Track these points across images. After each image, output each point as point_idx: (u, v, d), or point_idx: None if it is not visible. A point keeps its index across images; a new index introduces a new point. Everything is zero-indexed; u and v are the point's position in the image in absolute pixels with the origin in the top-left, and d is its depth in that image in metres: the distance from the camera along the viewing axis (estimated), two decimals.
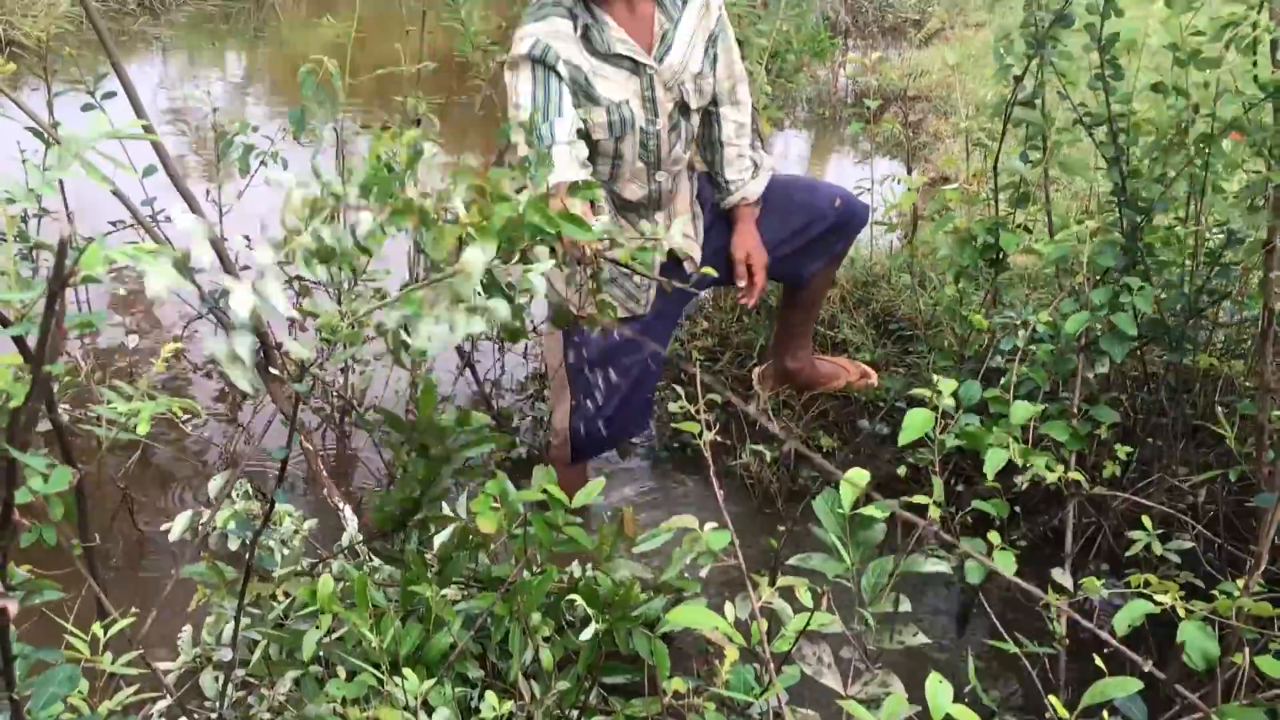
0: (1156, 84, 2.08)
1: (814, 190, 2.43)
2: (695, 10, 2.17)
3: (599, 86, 2.08)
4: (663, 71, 2.12)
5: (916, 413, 1.53)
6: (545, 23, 2.05)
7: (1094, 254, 1.84)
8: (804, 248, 2.39)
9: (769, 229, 2.36)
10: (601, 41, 2.06)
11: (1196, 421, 2.16)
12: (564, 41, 2.04)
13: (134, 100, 1.90)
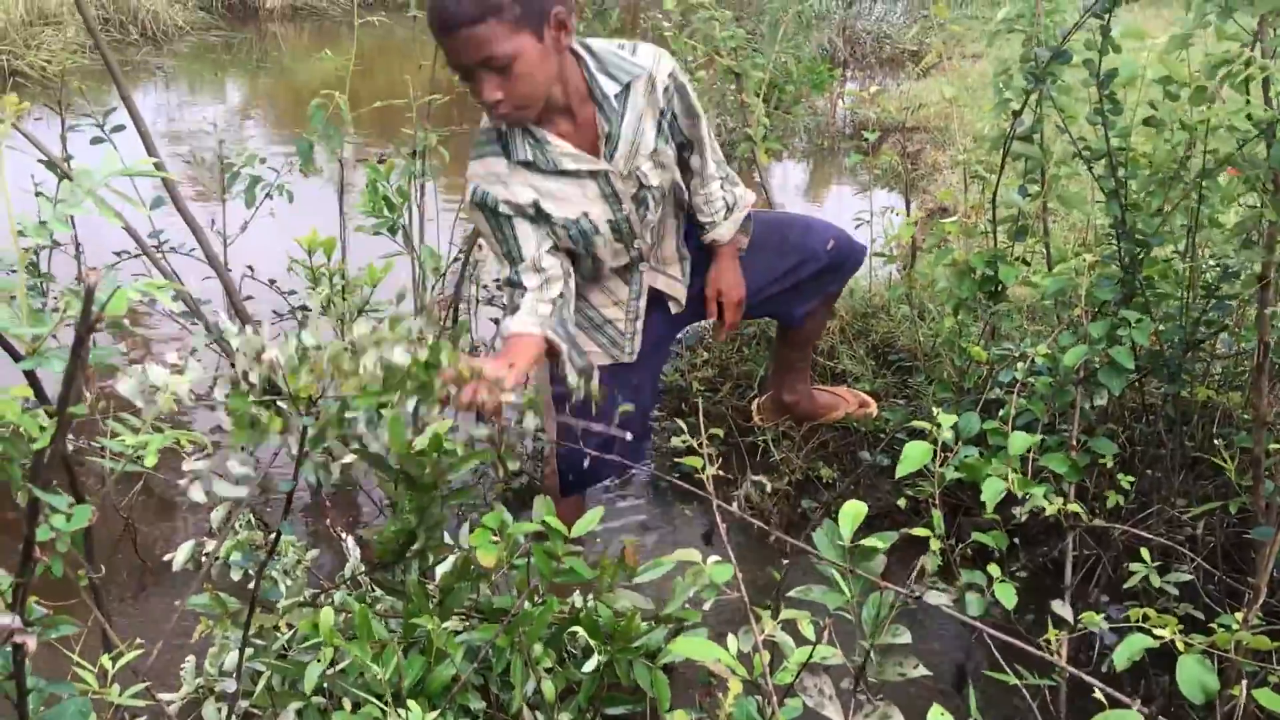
0: (1149, 118, 2.11)
1: (809, 230, 2.40)
2: (640, 95, 2.06)
3: (551, 209, 2.04)
4: (616, 164, 2.06)
5: (915, 445, 1.54)
6: (482, 163, 2.03)
7: (1092, 287, 1.86)
8: (795, 287, 2.37)
9: (761, 267, 2.34)
10: (546, 162, 2.02)
11: (1195, 453, 2.17)
12: (500, 184, 2.02)
13: (144, 134, 1.92)
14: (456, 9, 1.82)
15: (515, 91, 1.89)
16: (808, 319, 2.48)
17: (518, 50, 1.85)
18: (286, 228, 3.14)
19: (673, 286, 2.31)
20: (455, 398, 1.93)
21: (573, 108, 2.02)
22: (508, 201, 2.01)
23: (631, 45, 2.08)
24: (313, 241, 2.54)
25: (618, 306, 2.25)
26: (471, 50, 1.85)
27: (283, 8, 9.09)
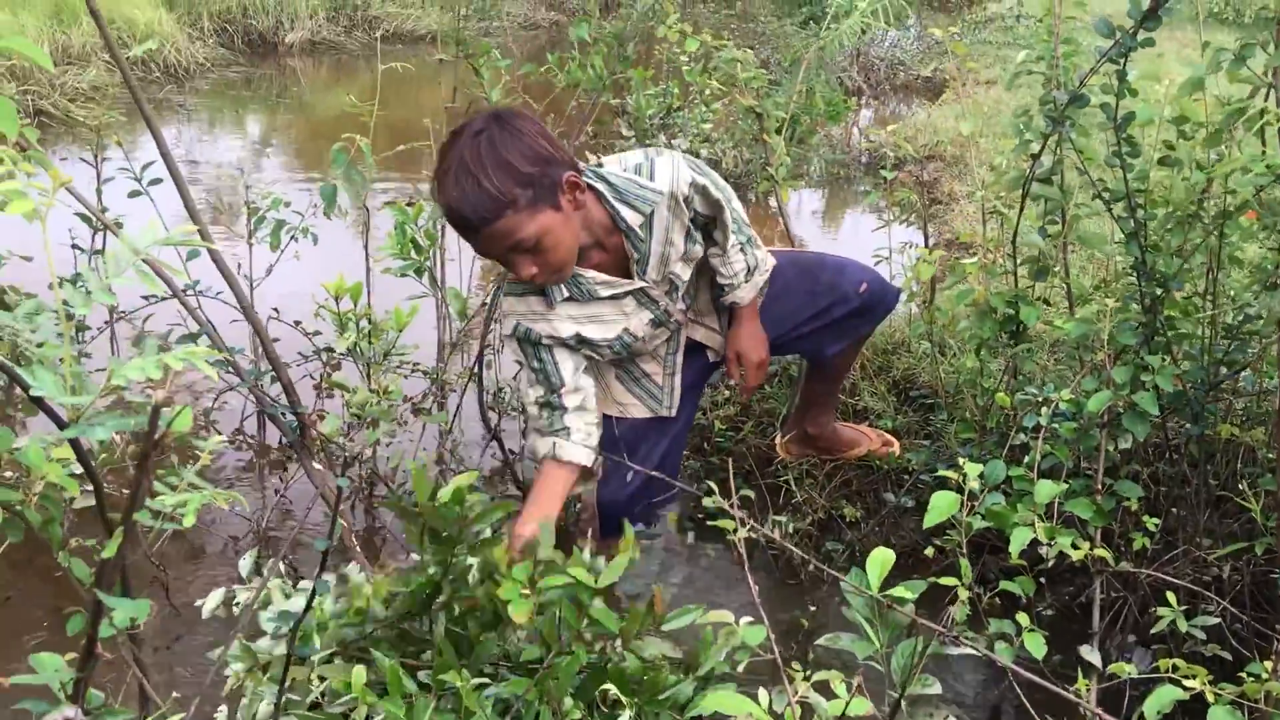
0: (1164, 157, 2.13)
1: (841, 272, 2.40)
2: (664, 214, 2.09)
3: (592, 334, 2.12)
4: (649, 279, 2.14)
5: (942, 495, 1.55)
6: (522, 301, 2.12)
7: (1114, 331, 1.87)
8: (826, 327, 2.39)
9: (792, 308, 2.37)
10: (583, 294, 2.10)
11: (1220, 492, 2.17)
12: (542, 320, 2.11)
13: (178, 180, 1.95)
14: (473, 214, 1.88)
15: (549, 262, 1.97)
16: (837, 358, 2.49)
17: (542, 229, 1.91)
18: (310, 266, 3.18)
19: (711, 337, 2.34)
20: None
21: (601, 240, 2.09)
22: (551, 336, 2.11)
23: (647, 165, 2.10)
24: (340, 287, 2.58)
25: (656, 361, 2.29)
26: (498, 242, 1.92)
27: (301, 43, 9.18)
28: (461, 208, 1.88)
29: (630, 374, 2.28)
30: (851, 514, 2.59)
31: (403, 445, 2.88)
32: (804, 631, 2.28)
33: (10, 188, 1.25)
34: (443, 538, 1.64)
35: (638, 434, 2.32)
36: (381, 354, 2.66)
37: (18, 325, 1.28)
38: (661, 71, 5.99)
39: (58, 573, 2.35)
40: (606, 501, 2.31)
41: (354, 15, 9.76)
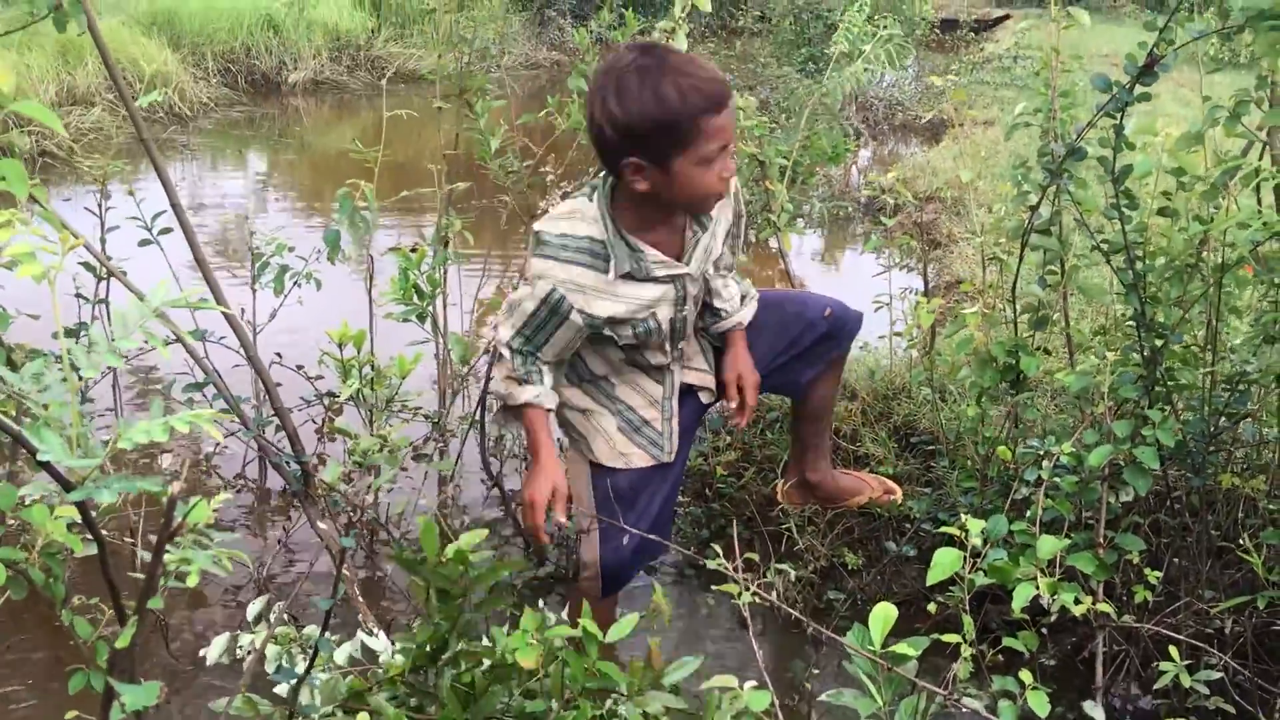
0: (1164, 208, 2.15)
1: (805, 304, 2.43)
2: (727, 209, 2.17)
3: (626, 313, 2.09)
4: (692, 268, 2.12)
5: (945, 553, 1.56)
6: (565, 269, 2.01)
7: (1115, 384, 1.88)
8: (798, 357, 2.41)
9: (764, 345, 2.38)
10: (641, 271, 2.05)
11: (1221, 542, 2.17)
12: (580, 294, 2.03)
13: (191, 240, 1.96)
14: (723, 84, 1.90)
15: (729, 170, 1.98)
16: (813, 387, 2.49)
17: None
18: (313, 309, 3.19)
19: (703, 378, 2.35)
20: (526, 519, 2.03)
21: (669, 216, 2.07)
22: (581, 311, 2.04)
23: None
24: (344, 334, 2.59)
25: (654, 407, 2.28)
26: (731, 123, 1.93)
27: (304, 83, 9.27)
28: (715, 80, 1.89)
29: (631, 424, 2.28)
30: (853, 561, 2.59)
31: (403, 491, 2.88)
32: (806, 680, 2.27)
33: (21, 250, 1.27)
34: (449, 594, 1.64)
35: (639, 485, 2.32)
36: (384, 401, 2.67)
37: (24, 387, 1.29)
38: None
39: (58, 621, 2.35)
40: (611, 563, 2.28)
41: (357, 55, 9.87)
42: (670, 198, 1.99)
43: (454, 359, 3.07)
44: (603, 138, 1.93)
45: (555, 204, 3.79)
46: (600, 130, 1.93)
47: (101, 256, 2.06)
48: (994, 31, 14.06)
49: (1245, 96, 1.76)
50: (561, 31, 12.05)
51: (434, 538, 1.59)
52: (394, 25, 10.30)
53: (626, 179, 1.96)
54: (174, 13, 8.92)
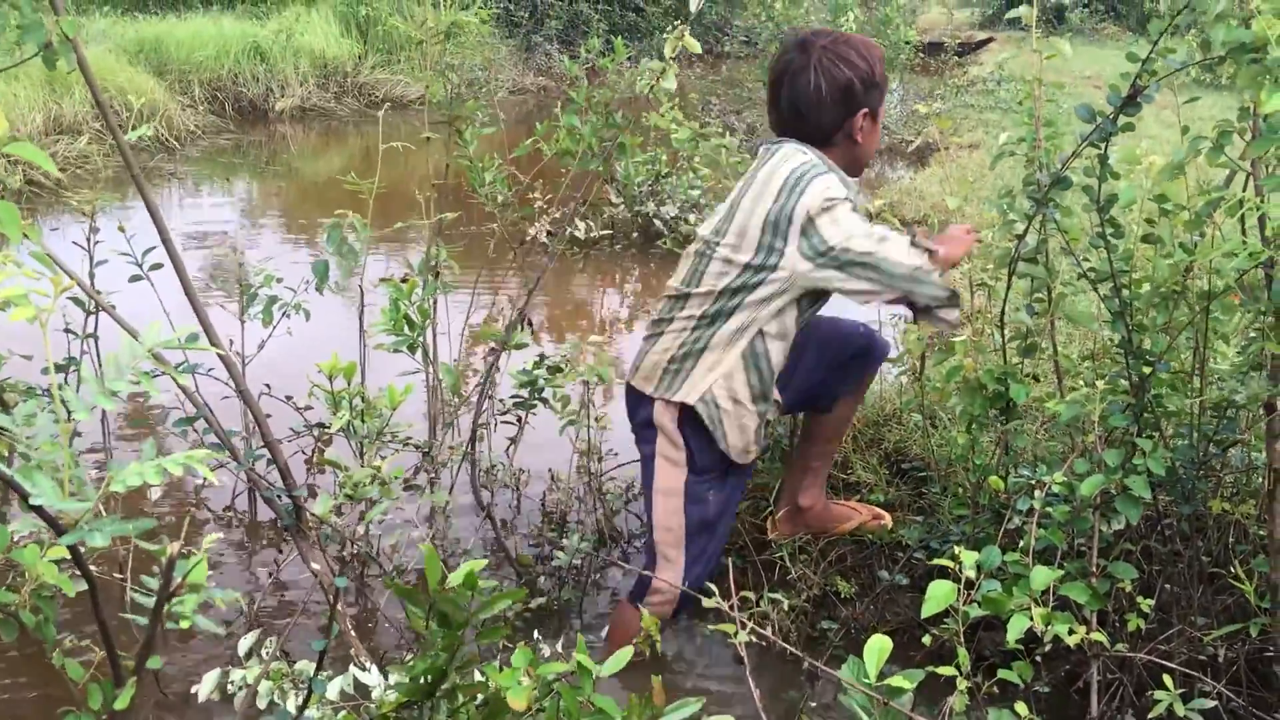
0: (1148, 235, 2.17)
1: (838, 321, 2.60)
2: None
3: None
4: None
5: (939, 585, 1.56)
6: (833, 178, 2.28)
7: (1104, 413, 1.89)
8: (837, 369, 2.53)
9: (809, 359, 2.49)
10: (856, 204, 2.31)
11: (1213, 569, 2.18)
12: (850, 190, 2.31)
13: (182, 276, 1.96)
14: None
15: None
16: (838, 405, 2.61)
17: None
18: (304, 337, 3.19)
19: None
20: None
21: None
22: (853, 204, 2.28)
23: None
24: (334, 367, 2.58)
25: (776, 408, 2.45)
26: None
27: (291, 109, 9.29)
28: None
29: (760, 418, 2.37)
30: (846, 590, 2.59)
31: (394, 522, 2.87)
32: (802, 712, 2.27)
33: (14, 293, 1.26)
34: (452, 623, 1.64)
35: (724, 508, 2.42)
36: (375, 432, 2.67)
37: (16, 430, 1.28)
38: (649, 138, 6.07)
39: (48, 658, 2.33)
40: (696, 589, 2.30)
41: (344, 82, 9.89)
42: (866, 154, 2.41)
43: (445, 389, 3.07)
44: (850, 92, 2.30)
45: (544, 231, 3.82)
46: (848, 86, 2.30)
47: (91, 291, 2.05)
48: (978, 54, 14.18)
49: (1228, 127, 1.78)
50: (549, 57, 12.11)
51: (437, 565, 1.59)
52: (381, 52, 10.34)
53: (855, 130, 2.34)
54: (160, 41, 8.94)
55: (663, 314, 2.40)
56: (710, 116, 8.70)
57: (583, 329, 4.90)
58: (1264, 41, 1.60)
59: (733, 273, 2.27)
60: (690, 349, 2.31)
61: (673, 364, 2.33)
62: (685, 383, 2.31)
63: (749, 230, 2.25)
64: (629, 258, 5.77)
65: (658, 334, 2.39)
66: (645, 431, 2.41)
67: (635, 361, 2.45)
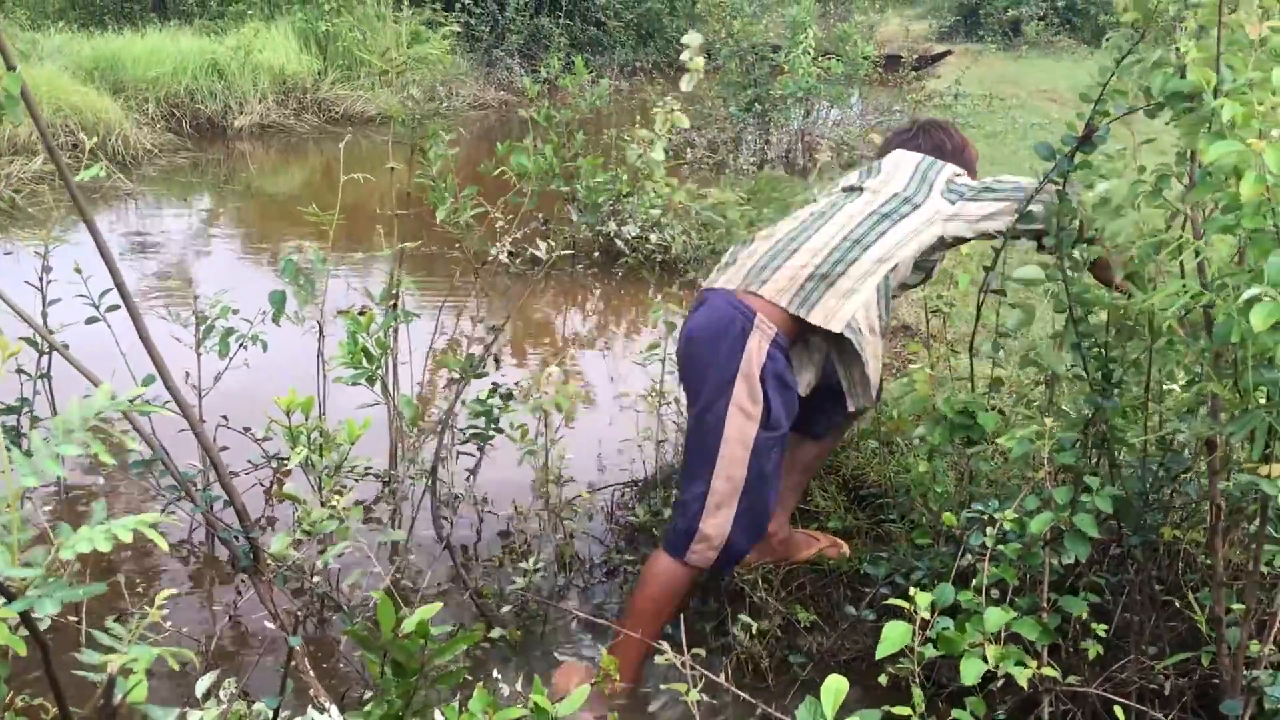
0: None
1: None
2: None
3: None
4: None
5: (894, 627, 1.58)
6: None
7: (1054, 450, 1.93)
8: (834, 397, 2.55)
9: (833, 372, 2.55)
10: None
11: (1165, 597, 2.21)
12: None
13: (137, 322, 1.94)
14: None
15: None
16: (829, 435, 2.74)
17: None
18: (262, 363, 3.16)
19: None
20: None
21: None
22: None
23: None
24: (291, 402, 2.57)
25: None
26: None
27: (251, 126, 9.23)
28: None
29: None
30: (805, 618, 2.60)
31: (353, 556, 2.85)
32: None
33: None
34: (406, 669, 1.64)
35: (778, 471, 2.48)
36: (334, 466, 2.66)
37: None
38: (610, 158, 6.08)
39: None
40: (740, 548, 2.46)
41: (303, 98, 9.83)
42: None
43: (404, 421, 3.07)
44: (943, 149, 2.67)
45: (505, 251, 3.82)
46: (942, 144, 2.69)
47: (44, 333, 2.03)
48: (935, 68, 14.32)
49: (1166, 171, 1.82)
50: (510, 72, 12.11)
51: (391, 612, 1.59)
52: (341, 68, 10.29)
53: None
54: (117, 57, 8.86)
55: (793, 233, 2.48)
56: (672, 134, 8.73)
57: (545, 350, 4.91)
58: (1199, 90, 1.64)
59: (881, 198, 2.49)
60: (832, 267, 2.39)
61: (811, 279, 2.38)
62: (820, 305, 2.37)
63: (898, 174, 2.54)
64: (591, 277, 5.78)
65: (792, 249, 2.44)
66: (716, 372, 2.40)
67: (742, 266, 2.47)
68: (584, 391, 4.16)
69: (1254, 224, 1.51)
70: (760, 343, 2.35)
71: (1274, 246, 1.50)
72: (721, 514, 2.39)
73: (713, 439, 2.39)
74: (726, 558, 2.46)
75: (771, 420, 2.38)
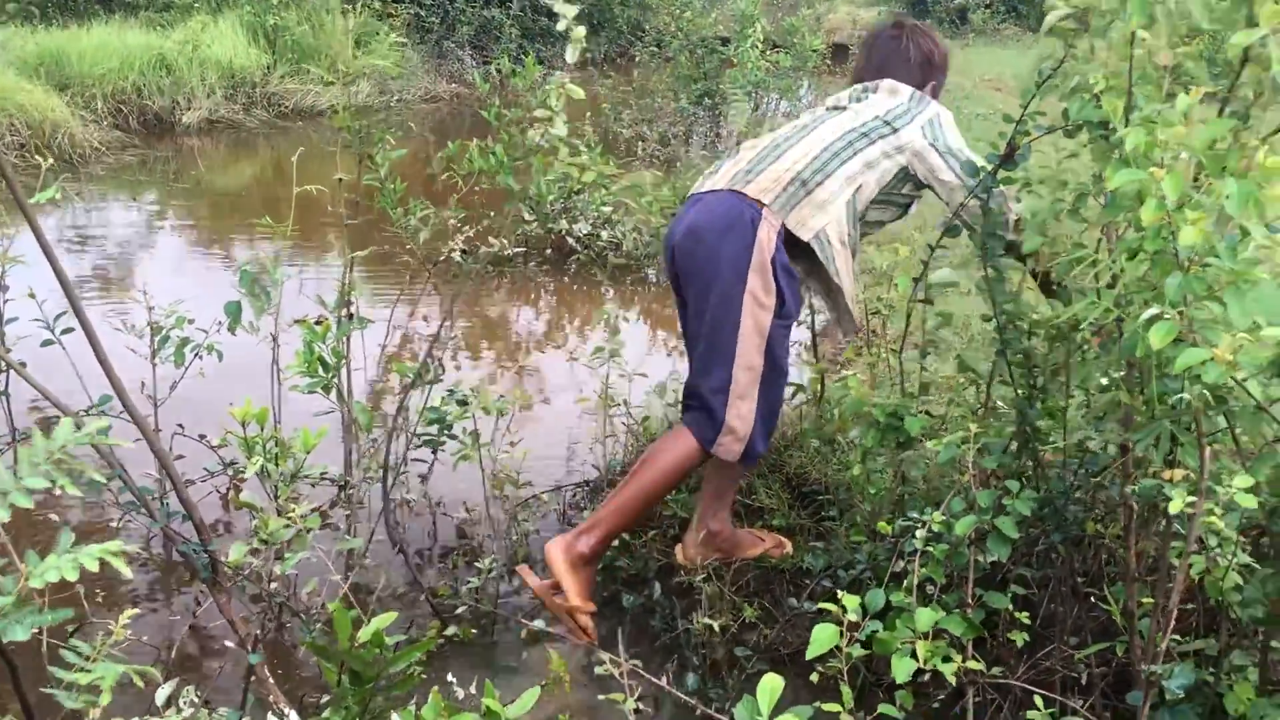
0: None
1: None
2: None
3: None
4: None
5: (823, 629, 1.68)
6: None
7: (978, 455, 2.03)
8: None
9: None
10: None
11: (1087, 589, 2.34)
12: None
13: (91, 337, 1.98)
14: None
15: None
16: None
17: None
18: (217, 369, 3.20)
19: None
20: None
21: None
22: None
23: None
24: (246, 413, 2.62)
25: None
26: None
27: (199, 122, 9.15)
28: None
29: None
30: (750, 613, 2.70)
31: (310, 561, 2.91)
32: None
33: None
34: (362, 678, 1.71)
35: (786, 363, 2.60)
36: (290, 475, 2.71)
37: None
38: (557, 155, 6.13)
39: None
40: (759, 429, 2.56)
41: (252, 93, 9.76)
42: None
43: (359, 428, 3.12)
44: (932, 59, 2.77)
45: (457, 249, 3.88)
46: (931, 54, 2.77)
47: (2, 353, 2.08)
48: None
49: (1084, 189, 1.93)
50: (461, 63, 12.08)
51: (347, 623, 1.66)
52: (290, 61, 10.22)
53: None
54: (62, 52, 8.74)
55: (778, 140, 2.61)
56: (622, 127, 8.79)
57: (499, 349, 4.97)
58: (1108, 119, 1.74)
59: (863, 118, 2.60)
60: (812, 175, 2.51)
61: (793, 183, 2.51)
62: (795, 210, 2.49)
63: (888, 101, 2.63)
64: (544, 274, 5.84)
65: (777, 155, 2.56)
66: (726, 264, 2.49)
67: (728, 172, 2.60)
68: (530, 394, 4.23)
69: (1155, 246, 1.61)
70: (769, 233, 2.47)
71: (1174, 268, 1.60)
72: (744, 405, 2.50)
73: (729, 331, 2.48)
74: (749, 454, 2.57)
75: (784, 310, 2.50)
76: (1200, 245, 1.51)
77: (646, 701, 2.51)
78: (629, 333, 4.92)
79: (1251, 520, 1.91)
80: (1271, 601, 1.78)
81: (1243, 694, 1.81)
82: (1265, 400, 1.65)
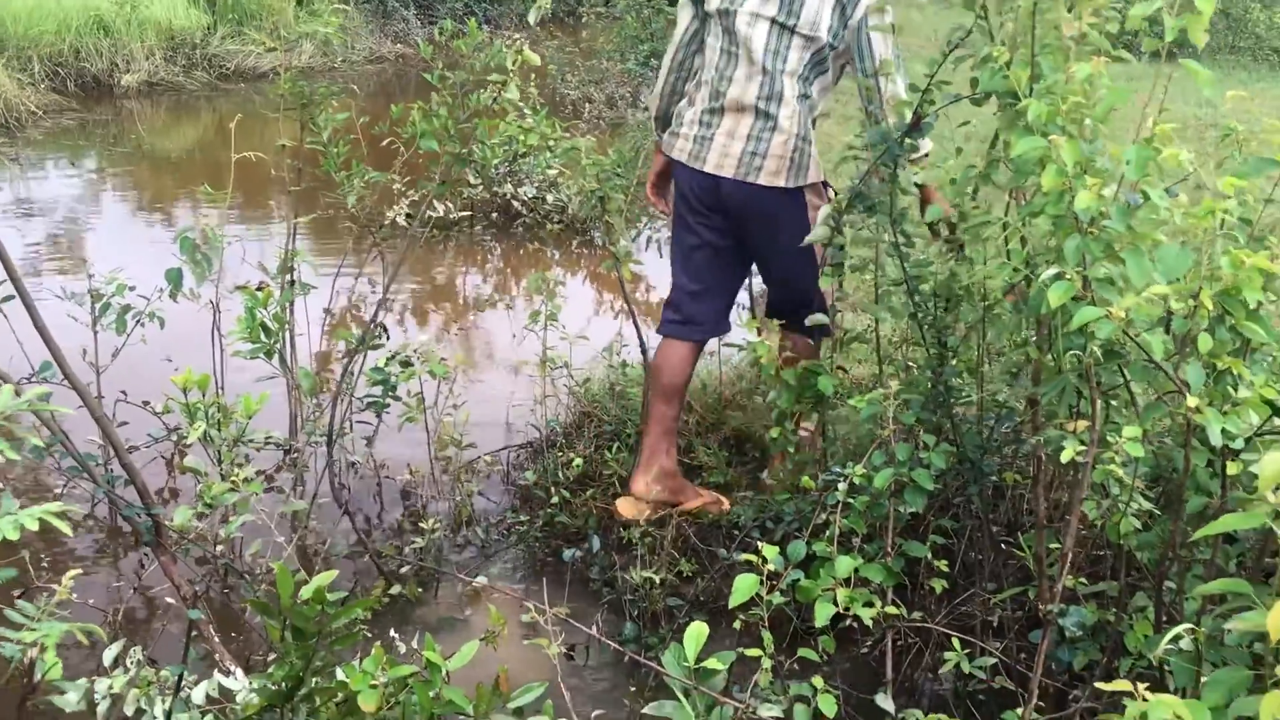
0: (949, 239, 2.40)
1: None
2: None
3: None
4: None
5: (744, 579, 1.76)
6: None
7: (898, 411, 2.12)
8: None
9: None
10: None
11: (1004, 538, 2.45)
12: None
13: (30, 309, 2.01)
14: None
15: None
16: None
17: None
18: (159, 336, 3.22)
19: None
20: None
21: None
22: None
23: None
24: (188, 380, 2.65)
25: None
26: None
27: (139, 85, 9.00)
28: None
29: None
30: (687, 568, 2.79)
31: (256, 523, 2.96)
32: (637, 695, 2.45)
33: None
34: (305, 633, 1.77)
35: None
36: (233, 440, 2.75)
37: None
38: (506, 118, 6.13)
39: None
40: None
41: (192, 55, 9.61)
42: None
43: (302, 392, 3.17)
44: None
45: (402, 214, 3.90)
46: None
47: None
48: None
49: (996, 156, 2.01)
50: (405, 24, 11.94)
51: (289, 581, 1.72)
52: (230, 22, 10.06)
53: None
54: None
55: (757, 98, 2.69)
56: (569, 89, 8.77)
57: (446, 311, 5.00)
58: (1014, 89, 1.82)
59: (812, 50, 2.66)
60: (804, 133, 2.70)
61: (796, 152, 2.69)
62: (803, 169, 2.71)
63: (822, 14, 2.62)
64: (490, 238, 5.86)
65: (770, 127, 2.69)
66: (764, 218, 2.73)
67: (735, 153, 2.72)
68: (474, 358, 4.28)
69: (1056, 210, 1.70)
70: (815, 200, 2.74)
71: (1073, 230, 1.69)
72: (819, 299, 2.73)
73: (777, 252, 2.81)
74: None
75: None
76: (1094, 208, 1.60)
77: (580, 652, 2.59)
78: (574, 295, 4.96)
79: (1158, 471, 2.02)
80: (1163, 544, 1.89)
81: (1141, 631, 1.92)
82: (1162, 356, 1.74)
